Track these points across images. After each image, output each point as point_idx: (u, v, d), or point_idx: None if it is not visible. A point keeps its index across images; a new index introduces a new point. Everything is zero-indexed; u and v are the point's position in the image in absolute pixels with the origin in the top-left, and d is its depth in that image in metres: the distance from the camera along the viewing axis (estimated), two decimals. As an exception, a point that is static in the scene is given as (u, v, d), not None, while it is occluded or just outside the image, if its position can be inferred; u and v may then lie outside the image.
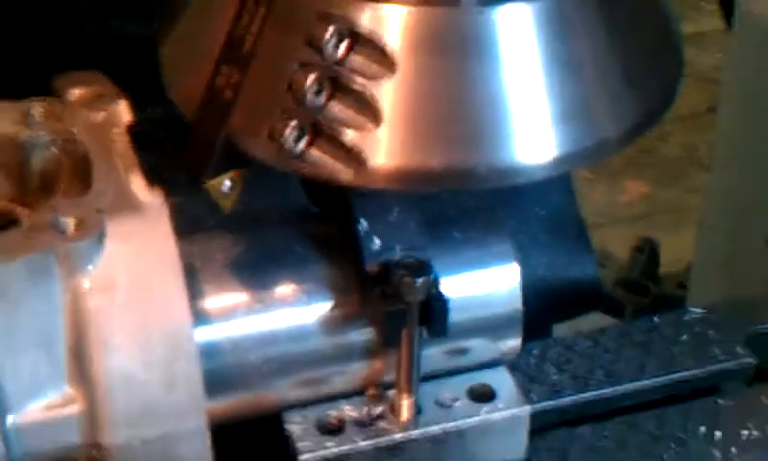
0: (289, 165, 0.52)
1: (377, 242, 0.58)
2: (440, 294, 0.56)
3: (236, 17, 0.54)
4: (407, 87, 0.51)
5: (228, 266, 0.59)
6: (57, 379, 0.54)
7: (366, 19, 0.51)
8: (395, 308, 0.57)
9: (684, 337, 0.77)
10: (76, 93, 0.60)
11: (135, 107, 0.58)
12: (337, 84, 0.51)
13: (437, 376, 0.63)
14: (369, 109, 0.50)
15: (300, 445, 0.59)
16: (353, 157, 0.50)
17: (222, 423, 0.56)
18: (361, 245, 0.57)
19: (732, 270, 1.55)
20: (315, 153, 0.51)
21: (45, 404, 0.53)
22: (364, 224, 0.58)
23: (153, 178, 0.55)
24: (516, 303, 0.61)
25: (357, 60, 0.51)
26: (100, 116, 0.58)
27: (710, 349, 0.76)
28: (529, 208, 0.73)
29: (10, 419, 0.52)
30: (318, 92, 0.51)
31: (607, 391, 0.73)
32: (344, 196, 0.57)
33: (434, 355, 0.61)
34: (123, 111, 0.58)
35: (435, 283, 0.56)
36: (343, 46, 0.51)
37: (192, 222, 0.57)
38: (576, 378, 0.73)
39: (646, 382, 0.73)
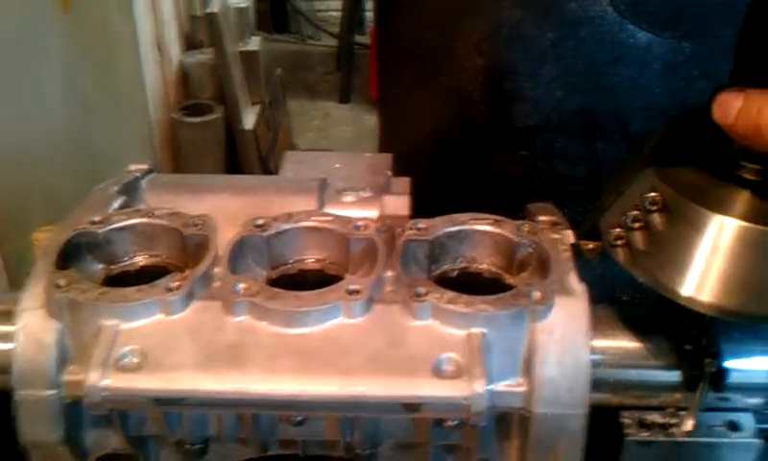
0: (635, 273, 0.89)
1: (693, 333, 0.92)
2: (725, 368, 0.90)
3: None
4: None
5: (608, 326, 0.95)
6: (515, 372, 0.86)
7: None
8: (698, 372, 0.91)
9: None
10: (542, 218, 0.96)
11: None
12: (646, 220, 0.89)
13: (708, 410, 0.94)
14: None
15: (627, 431, 0.94)
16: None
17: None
18: (685, 333, 0.92)
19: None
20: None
21: (507, 383, 0.85)
22: (688, 323, 0.92)
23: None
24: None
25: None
26: (556, 237, 0.94)
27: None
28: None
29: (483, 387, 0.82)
30: (634, 221, 0.89)
31: None
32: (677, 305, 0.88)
33: (710, 398, 0.93)
34: (569, 237, 0.94)
35: (722, 363, 0.90)
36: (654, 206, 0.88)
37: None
38: None
39: None
